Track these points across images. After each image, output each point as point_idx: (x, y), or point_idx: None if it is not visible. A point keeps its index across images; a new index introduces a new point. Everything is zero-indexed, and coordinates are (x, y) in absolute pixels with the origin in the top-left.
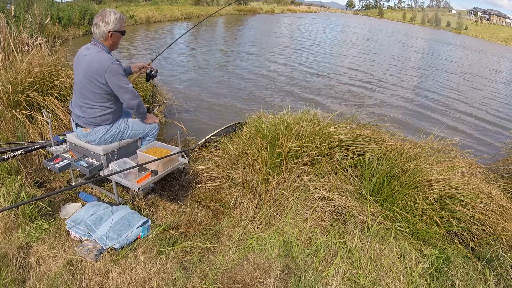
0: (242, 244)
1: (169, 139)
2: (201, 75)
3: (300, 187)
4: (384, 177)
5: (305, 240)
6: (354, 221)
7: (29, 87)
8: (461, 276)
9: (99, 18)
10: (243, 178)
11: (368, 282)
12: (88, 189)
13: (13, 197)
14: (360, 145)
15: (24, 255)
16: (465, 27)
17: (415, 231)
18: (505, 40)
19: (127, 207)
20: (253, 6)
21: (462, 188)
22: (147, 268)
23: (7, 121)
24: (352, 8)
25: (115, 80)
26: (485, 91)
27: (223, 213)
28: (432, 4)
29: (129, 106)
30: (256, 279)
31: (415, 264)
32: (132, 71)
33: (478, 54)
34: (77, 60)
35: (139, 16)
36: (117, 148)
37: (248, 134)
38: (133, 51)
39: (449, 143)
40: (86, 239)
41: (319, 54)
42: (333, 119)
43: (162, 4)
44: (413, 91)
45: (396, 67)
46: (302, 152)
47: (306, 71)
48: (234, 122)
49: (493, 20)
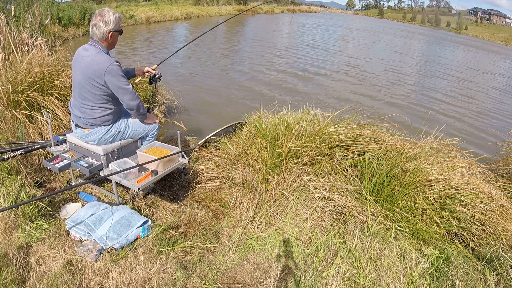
0: (242, 244)
1: (169, 139)
2: (201, 75)
3: (300, 187)
4: (384, 177)
5: (305, 240)
6: (354, 221)
7: (29, 87)
8: (461, 276)
9: (98, 18)
10: (243, 178)
11: (368, 282)
12: (88, 189)
13: (13, 197)
14: (360, 145)
15: (24, 255)
16: (465, 27)
17: (415, 231)
18: (505, 40)
19: (127, 207)
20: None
21: (462, 188)
22: (147, 268)
23: (7, 121)
24: (352, 8)
25: (114, 81)
26: (485, 91)
27: (223, 213)
28: (432, 4)
29: (129, 107)
30: (256, 279)
31: (415, 264)
32: (136, 74)
33: (478, 53)
34: (75, 61)
35: (139, 16)
36: (117, 148)
37: (248, 134)
38: (133, 51)
39: (449, 143)
40: (86, 239)
41: (319, 54)
42: (333, 119)
43: (162, 4)
44: (413, 91)
45: (396, 67)
46: (302, 152)
47: (306, 71)
48: (234, 122)
49: (493, 20)
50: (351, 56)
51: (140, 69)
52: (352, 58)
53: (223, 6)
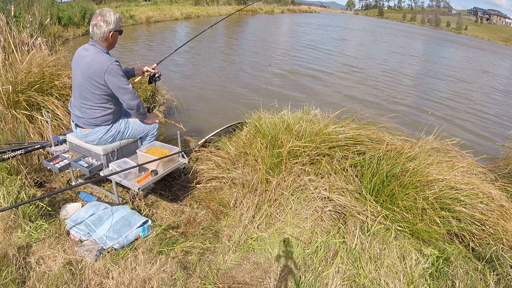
0: (242, 244)
1: (169, 139)
2: (201, 75)
3: (300, 187)
4: (384, 177)
5: (305, 240)
6: (354, 221)
7: (29, 87)
8: (461, 276)
9: (99, 18)
10: (243, 178)
11: (368, 282)
12: (88, 189)
13: (13, 197)
14: (360, 145)
15: (24, 255)
16: (465, 27)
17: (415, 231)
18: (505, 40)
19: (127, 207)
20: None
21: (462, 188)
22: (147, 268)
23: (7, 121)
24: (352, 8)
25: (114, 81)
26: (485, 91)
27: (223, 213)
28: (432, 4)
29: (129, 107)
30: (256, 279)
31: (415, 264)
32: (136, 73)
33: (478, 53)
34: (75, 61)
35: (139, 16)
36: (117, 148)
37: (248, 134)
38: (134, 52)
39: (449, 143)
40: (86, 239)
41: (319, 54)
42: (333, 119)
43: (162, 4)
44: (413, 91)
45: (396, 67)
46: (302, 152)
47: (306, 71)
48: (234, 122)
49: (493, 20)
50: (351, 57)
51: (140, 69)
52: (352, 59)
53: (223, 6)
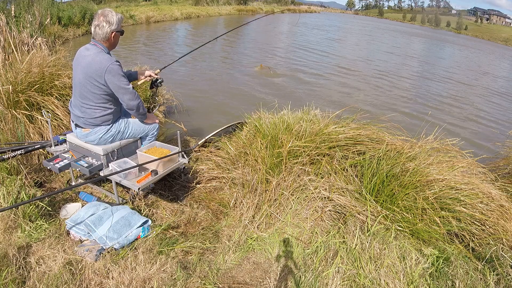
0: (242, 244)
1: (169, 139)
2: (201, 75)
3: (300, 187)
4: (384, 177)
5: (305, 240)
6: (354, 221)
7: (29, 87)
8: (461, 276)
9: (101, 18)
10: (243, 178)
11: (368, 282)
12: (88, 189)
13: (13, 197)
14: (360, 145)
15: (24, 255)
16: (465, 27)
17: (415, 231)
18: (505, 40)
19: (127, 207)
20: (253, 6)
21: (462, 188)
22: (147, 268)
23: (7, 121)
24: (352, 8)
25: (115, 81)
26: (485, 91)
27: (223, 213)
28: (432, 4)
29: (129, 107)
30: (256, 279)
31: (415, 264)
32: (138, 77)
33: (478, 54)
34: (76, 60)
35: (139, 16)
36: (117, 148)
37: (248, 134)
38: (134, 52)
39: (449, 143)
40: (86, 239)
41: (320, 54)
42: (333, 119)
43: (162, 4)
44: (413, 91)
45: (396, 68)
46: (302, 152)
47: (306, 71)
48: (234, 122)
49: (493, 20)
50: (351, 57)
51: (142, 73)
52: (352, 59)
53: (223, 6)
